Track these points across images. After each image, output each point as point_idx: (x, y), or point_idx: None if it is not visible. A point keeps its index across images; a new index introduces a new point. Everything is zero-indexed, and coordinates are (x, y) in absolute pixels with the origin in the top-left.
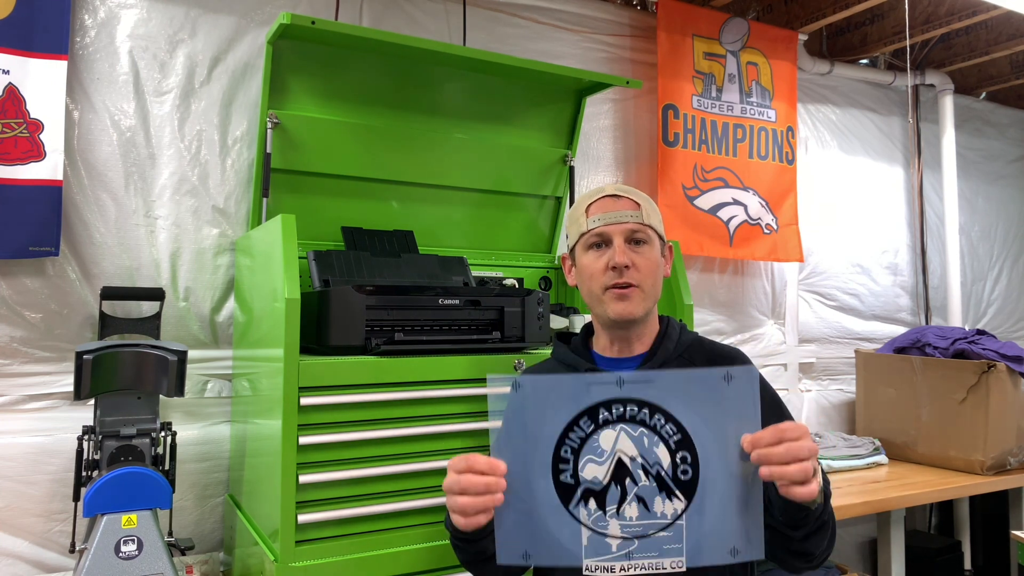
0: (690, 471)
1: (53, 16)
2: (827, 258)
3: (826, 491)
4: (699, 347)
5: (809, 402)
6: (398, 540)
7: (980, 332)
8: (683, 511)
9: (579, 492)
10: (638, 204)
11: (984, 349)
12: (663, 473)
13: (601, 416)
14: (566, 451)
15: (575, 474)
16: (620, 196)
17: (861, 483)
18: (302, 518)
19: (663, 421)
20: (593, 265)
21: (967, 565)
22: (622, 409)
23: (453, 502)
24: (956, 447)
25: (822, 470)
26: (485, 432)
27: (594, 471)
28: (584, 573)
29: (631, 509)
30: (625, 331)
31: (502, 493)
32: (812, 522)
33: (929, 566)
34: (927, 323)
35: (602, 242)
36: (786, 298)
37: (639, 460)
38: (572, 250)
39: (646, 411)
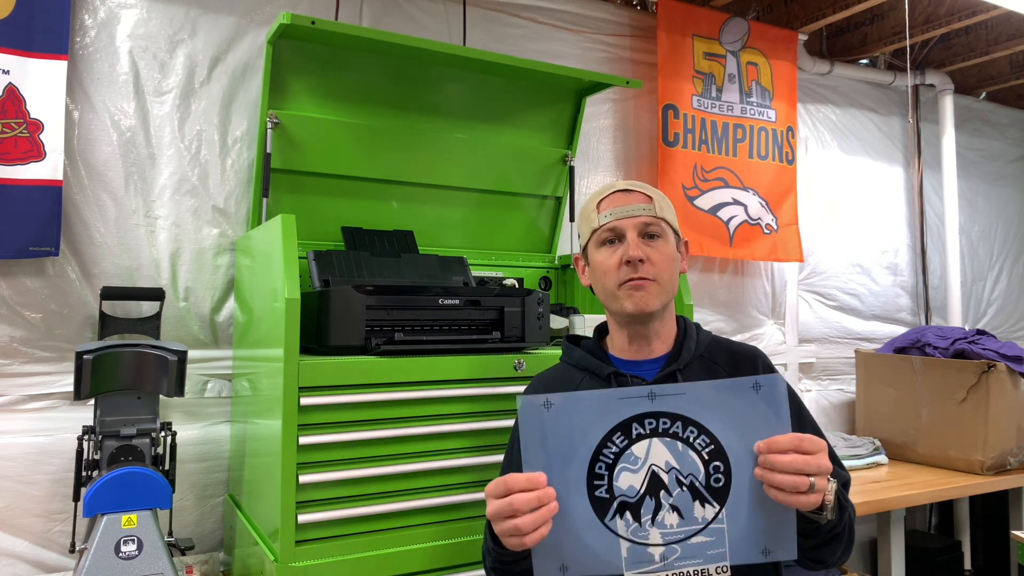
0: (723, 479)
1: (53, 16)
2: (827, 258)
3: (841, 504)
4: (717, 346)
5: (809, 402)
6: (398, 540)
7: (980, 332)
8: (717, 514)
9: (615, 505)
10: (650, 197)
11: (984, 349)
12: (697, 483)
13: (635, 431)
14: (600, 467)
15: (610, 488)
16: (631, 190)
17: (861, 483)
18: (302, 518)
19: (696, 433)
20: (607, 261)
21: (967, 565)
22: (655, 423)
23: (507, 525)
24: (956, 447)
25: (840, 484)
26: (485, 432)
27: (629, 481)
28: None
29: (670, 517)
30: (643, 327)
31: (554, 502)
32: (822, 534)
33: (929, 566)
34: (927, 323)
35: (615, 237)
36: (786, 298)
37: (674, 471)
38: (584, 248)
39: (679, 424)
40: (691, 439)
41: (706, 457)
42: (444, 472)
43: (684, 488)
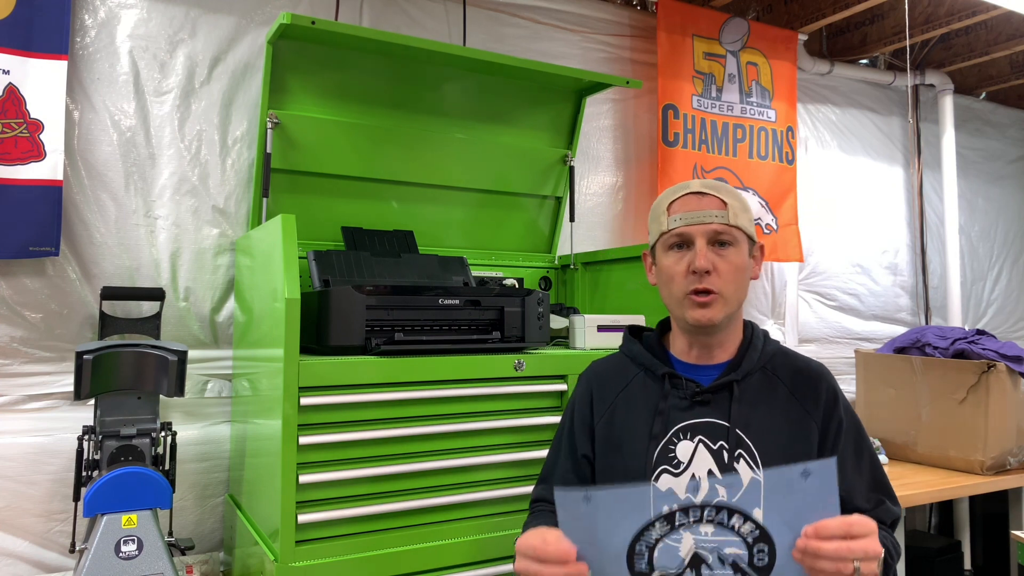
0: (767, 558)
1: (53, 16)
2: (827, 258)
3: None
4: (783, 358)
5: None
6: (398, 540)
7: (980, 332)
8: None
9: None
10: (724, 203)
11: (984, 349)
12: (740, 562)
13: (678, 520)
14: (641, 547)
15: (650, 562)
16: (705, 194)
17: None
18: (302, 518)
19: (742, 521)
20: (674, 268)
21: (967, 565)
22: (699, 513)
23: None
24: (956, 447)
25: (889, 524)
26: (485, 432)
27: (670, 557)
28: None
29: None
30: (706, 337)
31: None
32: None
33: (929, 566)
34: (927, 323)
35: (683, 243)
36: (786, 298)
37: (716, 553)
38: (653, 248)
39: (724, 513)
40: (736, 527)
41: (750, 542)
42: (444, 472)
43: (726, 565)
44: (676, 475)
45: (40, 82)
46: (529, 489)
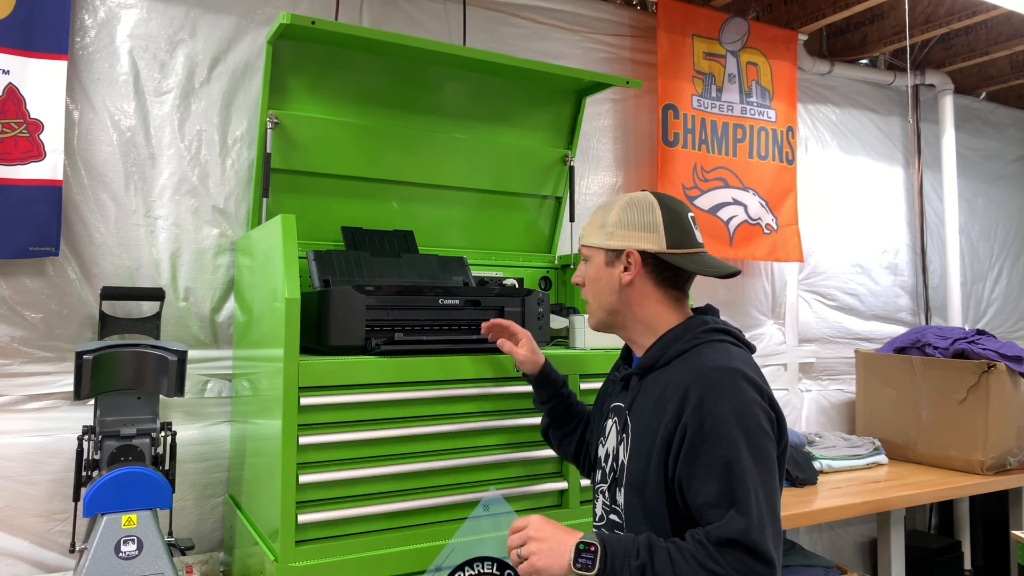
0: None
1: (53, 16)
2: (827, 258)
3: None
4: (686, 364)
5: (809, 402)
6: (398, 540)
7: (980, 332)
8: None
9: None
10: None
11: (984, 349)
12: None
13: None
14: None
15: None
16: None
17: (861, 483)
18: (302, 518)
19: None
20: None
21: (967, 565)
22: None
23: None
24: (956, 447)
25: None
26: (485, 432)
27: None
28: None
29: None
30: (618, 334)
31: None
32: None
33: (929, 566)
34: (927, 323)
35: None
36: (786, 298)
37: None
38: None
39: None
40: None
41: None
42: (444, 472)
43: None
44: (603, 445)
45: (40, 82)
46: (529, 489)
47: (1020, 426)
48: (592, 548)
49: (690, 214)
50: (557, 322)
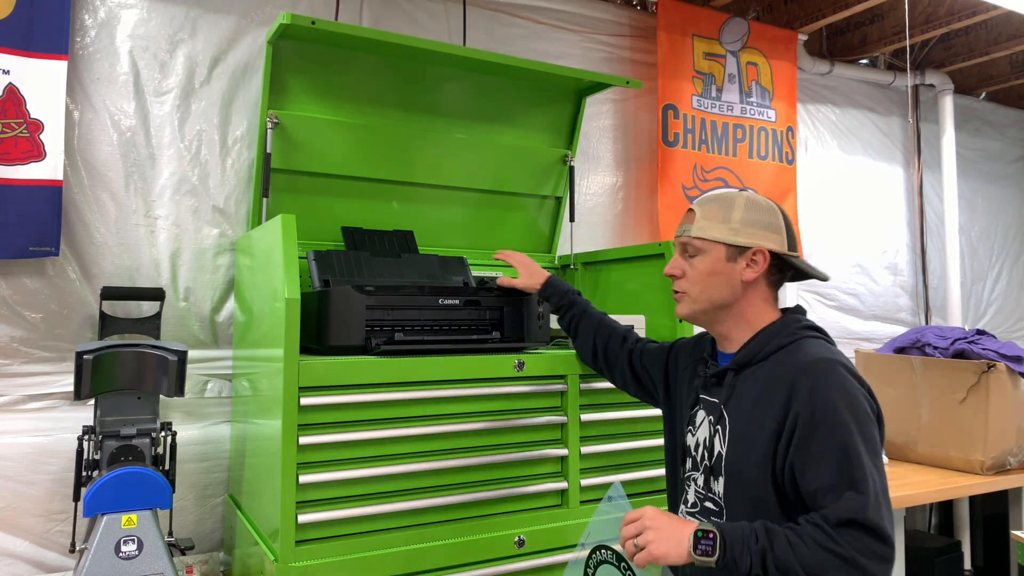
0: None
1: (53, 16)
2: (827, 258)
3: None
4: (785, 357)
5: None
6: (398, 540)
7: (980, 332)
8: None
9: None
10: (695, 218)
11: (984, 349)
12: None
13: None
14: None
15: None
16: (691, 210)
17: None
18: (302, 518)
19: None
20: None
21: (967, 565)
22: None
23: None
24: (956, 447)
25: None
26: (485, 432)
27: None
28: None
29: None
30: (709, 328)
31: None
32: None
33: (929, 566)
34: (927, 323)
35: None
36: (786, 298)
37: None
38: None
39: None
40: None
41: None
42: (444, 472)
43: None
44: (693, 434)
45: (40, 82)
46: (529, 489)
47: (1020, 426)
48: (711, 535)
49: None
50: (557, 322)
